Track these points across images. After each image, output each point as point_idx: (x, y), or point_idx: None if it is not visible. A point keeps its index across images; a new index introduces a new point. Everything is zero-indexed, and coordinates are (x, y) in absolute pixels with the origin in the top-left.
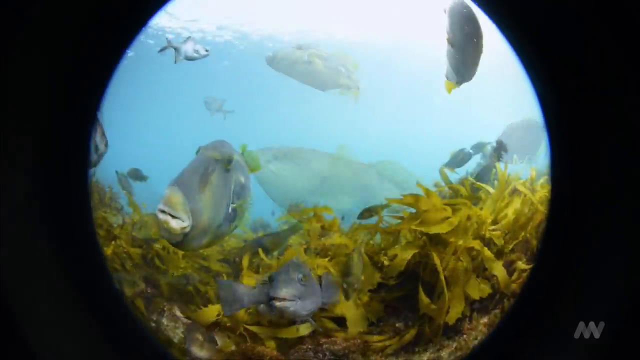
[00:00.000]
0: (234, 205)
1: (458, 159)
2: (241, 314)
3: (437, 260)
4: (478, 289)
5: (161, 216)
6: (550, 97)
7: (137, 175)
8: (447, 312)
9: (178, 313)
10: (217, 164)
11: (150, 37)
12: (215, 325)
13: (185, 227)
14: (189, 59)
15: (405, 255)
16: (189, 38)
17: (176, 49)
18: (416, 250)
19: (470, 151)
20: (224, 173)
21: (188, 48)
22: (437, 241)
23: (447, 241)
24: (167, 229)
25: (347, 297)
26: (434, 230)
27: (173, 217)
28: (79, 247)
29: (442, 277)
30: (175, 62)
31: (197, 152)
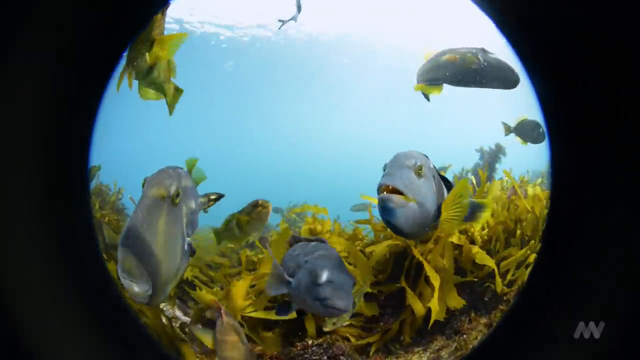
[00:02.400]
0: (190, 239)
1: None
2: (239, 301)
3: (417, 254)
4: (456, 300)
5: (124, 282)
6: (550, 97)
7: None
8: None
9: (178, 312)
10: (164, 203)
11: None
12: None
13: (147, 290)
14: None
15: (379, 249)
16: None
17: (292, 18)
18: (390, 243)
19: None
20: (172, 210)
21: (295, 10)
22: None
23: (428, 235)
24: (132, 293)
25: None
26: None
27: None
28: (79, 247)
29: (426, 271)
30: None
31: (143, 185)
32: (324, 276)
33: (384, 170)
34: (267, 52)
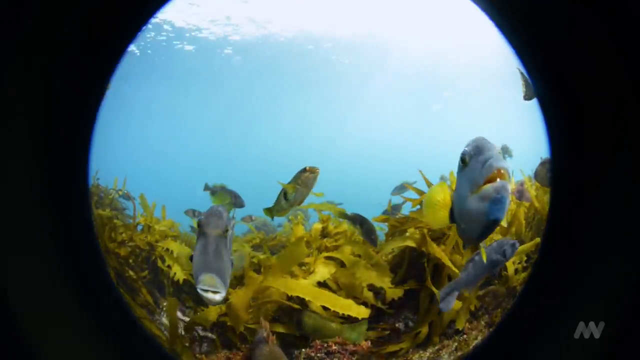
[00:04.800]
0: (232, 256)
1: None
2: (242, 313)
3: (438, 253)
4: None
5: (208, 295)
6: (550, 98)
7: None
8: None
9: (178, 313)
10: (221, 238)
11: (157, 32)
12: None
13: (224, 296)
14: None
15: (388, 248)
16: None
17: None
18: (401, 244)
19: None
20: (224, 239)
21: None
22: (433, 236)
23: (444, 234)
24: (210, 300)
25: None
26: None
27: (214, 292)
28: (79, 247)
29: (447, 270)
30: None
31: (198, 225)
32: None
33: (467, 158)
34: (274, 52)
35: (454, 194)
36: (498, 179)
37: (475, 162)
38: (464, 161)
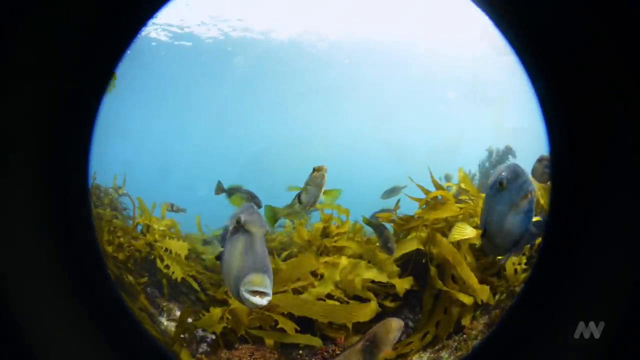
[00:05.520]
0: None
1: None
2: (243, 317)
3: (446, 249)
4: (485, 291)
5: (255, 299)
6: (550, 98)
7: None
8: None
9: (178, 313)
10: (264, 238)
11: (158, 35)
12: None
13: (270, 298)
14: None
15: (405, 248)
16: None
17: None
18: (416, 247)
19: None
20: (265, 240)
21: None
22: (441, 232)
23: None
24: (256, 305)
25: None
26: (439, 215)
27: (262, 293)
28: (79, 247)
29: (455, 270)
30: None
31: (237, 223)
32: None
33: (505, 182)
34: (276, 52)
35: (491, 216)
36: (529, 195)
37: (514, 186)
38: (501, 184)
